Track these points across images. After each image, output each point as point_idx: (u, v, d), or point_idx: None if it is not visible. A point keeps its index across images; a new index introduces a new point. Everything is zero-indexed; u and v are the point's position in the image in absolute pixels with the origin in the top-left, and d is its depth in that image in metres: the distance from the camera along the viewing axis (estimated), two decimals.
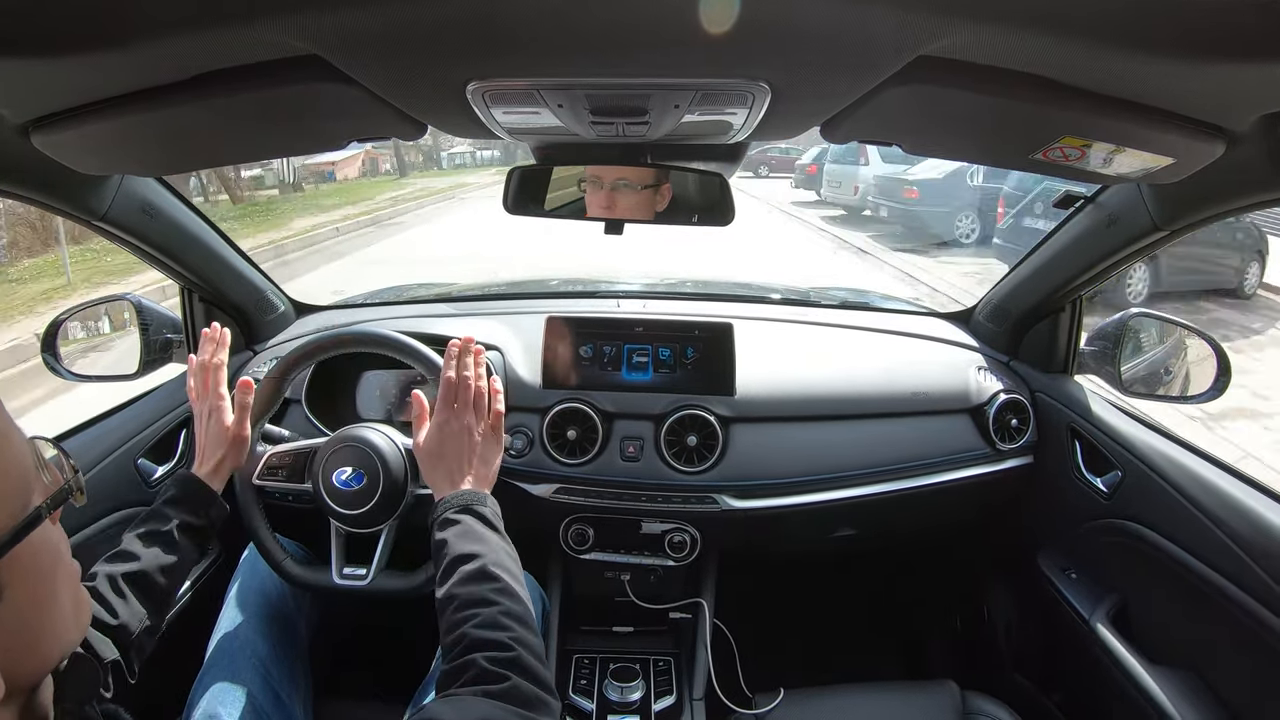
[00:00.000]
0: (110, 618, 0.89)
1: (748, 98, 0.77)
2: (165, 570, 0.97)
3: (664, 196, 1.21)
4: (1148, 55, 0.60)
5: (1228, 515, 1.11)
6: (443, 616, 0.84)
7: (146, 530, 1.00)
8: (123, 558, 0.96)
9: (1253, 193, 0.93)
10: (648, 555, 1.54)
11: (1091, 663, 1.30)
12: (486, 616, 0.81)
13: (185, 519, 1.02)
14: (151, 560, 0.97)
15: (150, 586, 0.95)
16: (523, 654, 0.77)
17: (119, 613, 0.90)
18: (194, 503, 1.04)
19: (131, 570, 0.94)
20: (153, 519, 1.01)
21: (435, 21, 0.60)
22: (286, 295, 1.73)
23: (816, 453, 1.47)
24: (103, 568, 0.94)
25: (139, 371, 1.47)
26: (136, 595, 0.93)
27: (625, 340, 1.49)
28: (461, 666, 0.76)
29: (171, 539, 1.00)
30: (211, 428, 1.11)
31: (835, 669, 1.59)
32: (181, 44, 0.63)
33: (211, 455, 1.10)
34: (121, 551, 0.97)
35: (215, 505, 1.07)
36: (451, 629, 0.81)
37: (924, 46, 0.63)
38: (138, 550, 0.97)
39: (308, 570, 1.21)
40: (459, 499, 0.97)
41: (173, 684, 1.10)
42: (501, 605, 0.83)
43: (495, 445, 1.06)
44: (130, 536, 0.99)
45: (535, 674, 0.76)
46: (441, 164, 33.68)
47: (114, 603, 0.90)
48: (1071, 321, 1.52)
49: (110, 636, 0.87)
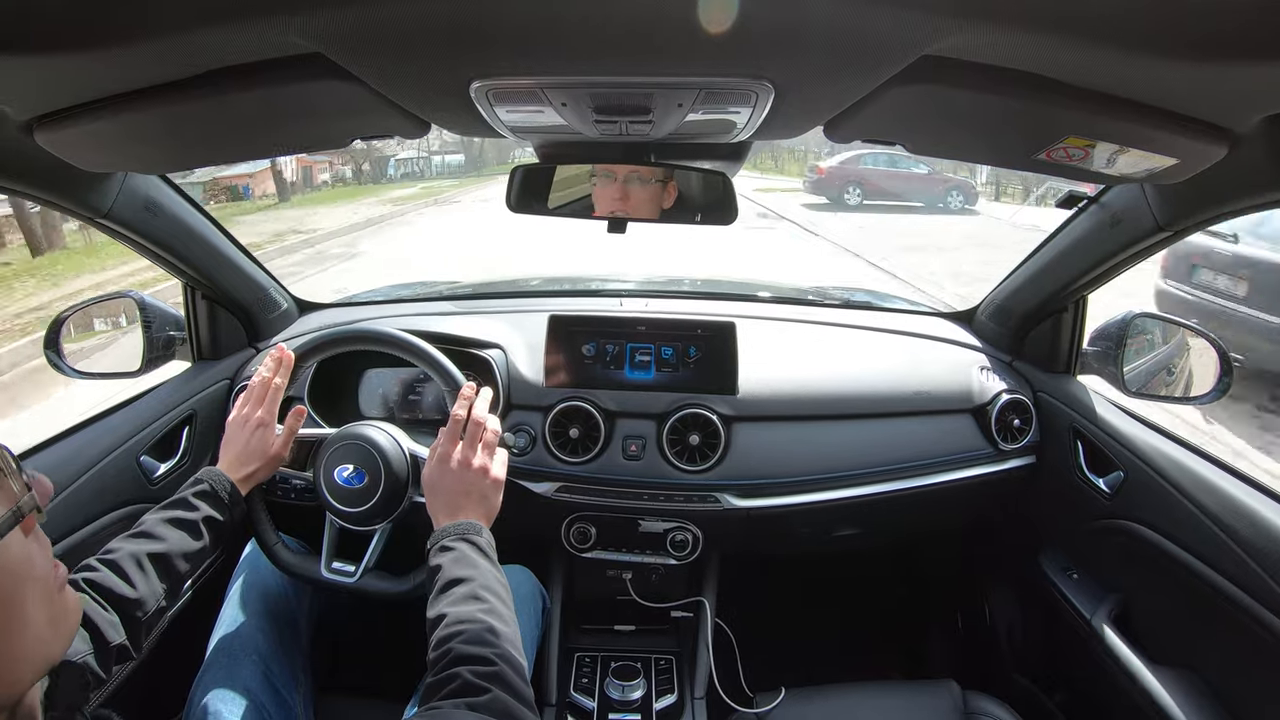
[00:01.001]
0: (129, 590, 0.91)
1: (751, 97, 0.77)
2: (187, 556, 1.00)
3: (670, 194, 1.21)
4: (1151, 56, 0.60)
5: (1229, 516, 1.11)
6: (431, 633, 0.87)
7: (173, 516, 1.02)
8: (147, 537, 0.98)
9: (1256, 193, 0.92)
10: (649, 554, 1.54)
11: (1093, 663, 1.30)
12: (472, 633, 0.84)
13: (212, 514, 1.05)
14: (176, 544, 0.99)
15: (170, 568, 0.97)
16: (505, 669, 0.80)
17: (138, 586, 0.92)
18: (223, 499, 1.07)
19: (156, 550, 0.96)
20: (179, 506, 1.03)
21: (439, 20, 0.60)
22: (289, 293, 1.73)
23: (819, 452, 1.47)
24: (126, 544, 0.96)
25: (142, 369, 1.48)
26: (158, 573, 0.95)
27: (628, 339, 1.49)
28: (446, 679, 0.78)
29: (197, 528, 1.02)
30: (254, 441, 1.14)
31: (836, 668, 1.59)
32: (185, 42, 0.63)
33: (245, 465, 1.13)
34: (145, 532, 0.99)
35: (240, 507, 1.10)
36: (439, 644, 0.84)
37: (928, 46, 0.63)
38: (163, 533, 0.99)
39: (298, 559, 1.22)
40: (457, 528, 1.00)
41: (174, 681, 1.10)
42: (487, 624, 0.86)
43: (496, 486, 1.09)
44: (155, 520, 1.01)
45: (517, 690, 0.79)
46: (389, 173, 27.90)
47: (134, 576, 0.92)
48: (1074, 322, 1.52)
49: (124, 610, 0.89)
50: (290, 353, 1.22)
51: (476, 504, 1.05)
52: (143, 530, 0.99)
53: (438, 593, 0.92)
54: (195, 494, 1.05)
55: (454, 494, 1.05)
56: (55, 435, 1.28)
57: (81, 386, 1.48)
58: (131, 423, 1.36)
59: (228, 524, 1.07)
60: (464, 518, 1.03)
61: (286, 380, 1.20)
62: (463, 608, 0.88)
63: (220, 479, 1.08)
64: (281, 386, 1.18)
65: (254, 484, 1.15)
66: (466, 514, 1.03)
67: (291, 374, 1.24)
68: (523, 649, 0.88)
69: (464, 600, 0.89)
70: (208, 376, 1.52)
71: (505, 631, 0.86)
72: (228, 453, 1.14)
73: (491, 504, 1.07)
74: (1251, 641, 1.05)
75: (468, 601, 0.89)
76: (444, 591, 0.91)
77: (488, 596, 0.90)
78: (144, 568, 0.94)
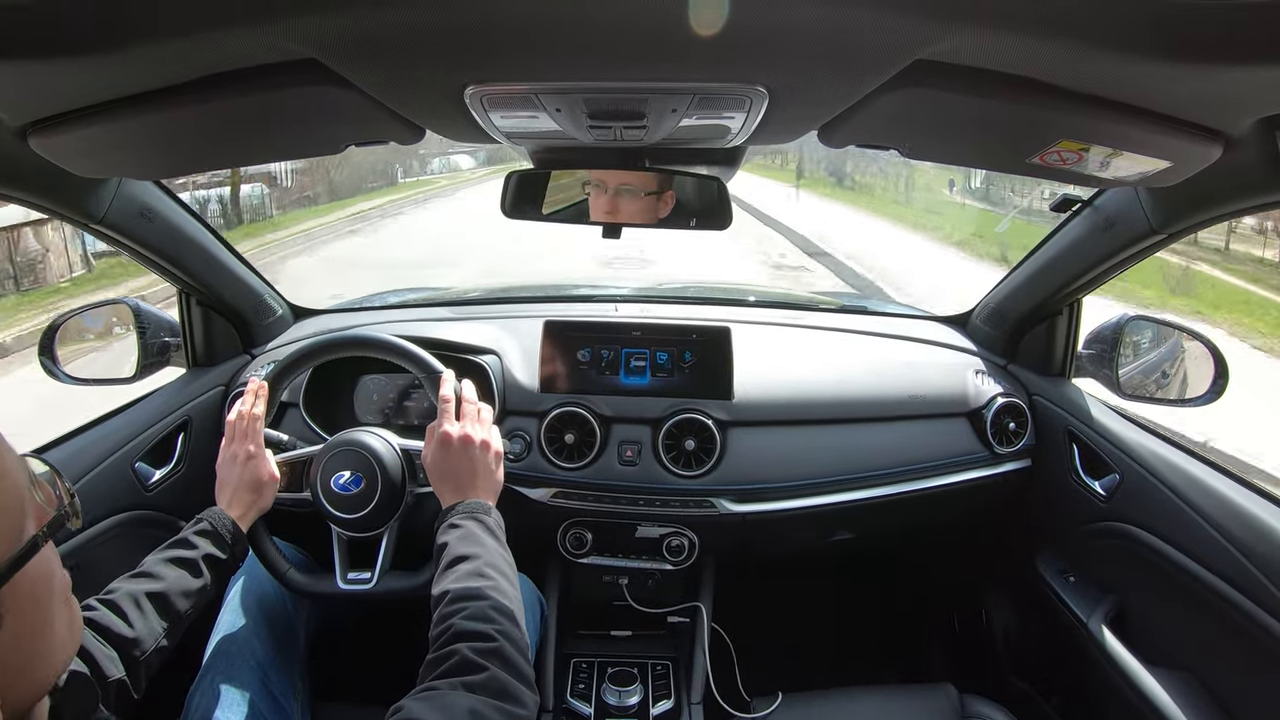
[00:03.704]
0: (126, 629, 0.89)
1: (745, 102, 0.77)
2: (187, 595, 0.98)
3: (667, 204, 1.21)
4: (1145, 59, 0.60)
5: (1225, 518, 1.11)
6: (435, 610, 0.87)
7: (172, 555, 1.01)
8: (146, 577, 0.97)
9: (1250, 196, 0.93)
10: (645, 559, 1.53)
11: (1089, 665, 1.30)
12: (475, 610, 0.84)
13: (212, 552, 1.04)
14: (175, 583, 0.97)
15: (169, 607, 0.96)
16: (505, 645, 0.80)
17: (135, 625, 0.90)
18: (224, 539, 1.06)
19: (154, 589, 0.95)
20: (179, 546, 1.02)
21: (433, 26, 0.60)
22: (284, 299, 1.73)
23: (814, 456, 1.47)
24: (124, 584, 0.95)
25: (136, 375, 1.47)
26: (157, 613, 0.94)
27: (623, 344, 1.49)
28: (445, 655, 0.78)
29: (197, 566, 1.01)
30: (246, 474, 1.13)
31: (833, 672, 1.59)
32: (180, 47, 0.63)
33: (241, 500, 1.12)
34: (145, 572, 0.98)
35: (241, 544, 1.09)
36: (441, 620, 0.84)
37: (921, 50, 0.63)
38: (162, 572, 0.98)
39: (312, 578, 1.21)
40: (465, 507, 1.01)
41: (171, 687, 1.10)
42: (491, 600, 0.86)
43: (499, 459, 1.11)
44: (155, 559, 1.00)
45: (516, 666, 0.79)
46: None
47: (132, 616, 0.91)
48: (1069, 325, 1.52)
49: (122, 649, 0.87)
50: (263, 382, 1.21)
51: (484, 480, 1.06)
52: (142, 570, 0.98)
53: (442, 570, 0.92)
54: (195, 532, 1.05)
55: (460, 472, 1.06)
56: (50, 441, 1.27)
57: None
58: (126, 429, 1.36)
59: (229, 562, 1.06)
60: (472, 495, 1.04)
61: (264, 409, 1.19)
62: (466, 584, 0.88)
63: (221, 517, 1.08)
64: (260, 416, 1.17)
65: (256, 514, 1.14)
66: (475, 492, 1.05)
67: (275, 392, 1.23)
68: (525, 627, 0.88)
69: (468, 577, 0.89)
70: (203, 383, 1.52)
71: (508, 608, 0.86)
72: (224, 493, 1.13)
73: (497, 478, 1.09)
74: (1247, 643, 1.05)
75: (472, 578, 0.89)
76: (449, 569, 0.92)
77: (492, 574, 0.90)
78: (142, 607, 0.93)
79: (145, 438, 1.37)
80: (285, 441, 1.29)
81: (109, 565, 0.97)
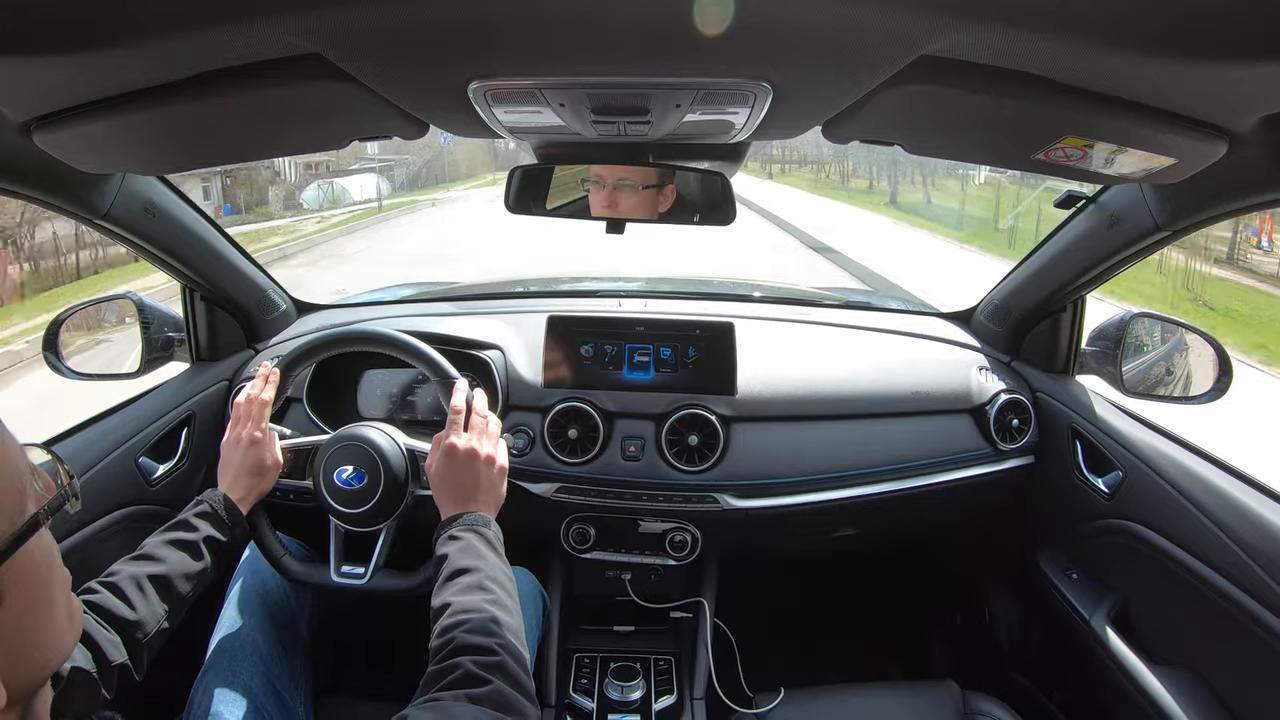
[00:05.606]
0: (129, 612, 0.90)
1: (749, 97, 0.77)
2: (188, 577, 0.99)
3: (667, 197, 1.20)
4: (1149, 55, 0.60)
5: (1228, 516, 1.11)
6: (435, 621, 0.87)
7: (173, 538, 1.01)
8: (147, 559, 0.98)
9: (1255, 193, 0.93)
10: (648, 555, 1.54)
11: (1092, 662, 1.30)
12: (476, 623, 0.84)
13: (213, 534, 1.05)
14: (176, 565, 0.98)
15: (171, 590, 0.96)
16: (507, 660, 0.80)
17: (137, 608, 0.91)
18: (224, 521, 1.07)
19: (156, 572, 0.96)
20: (180, 528, 1.03)
21: (437, 21, 0.60)
22: (288, 294, 1.73)
23: (818, 452, 1.47)
24: (125, 567, 0.96)
25: (140, 370, 1.48)
26: (158, 595, 0.95)
27: (626, 339, 1.49)
28: (448, 668, 0.78)
29: (198, 549, 1.02)
30: (249, 458, 1.14)
31: (836, 669, 1.59)
32: (183, 43, 0.63)
33: (244, 482, 1.13)
34: (145, 554, 0.98)
35: (241, 526, 1.10)
36: (442, 633, 0.84)
37: (925, 46, 0.63)
38: (163, 554, 0.99)
39: (306, 567, 1.21)
40: (465, 520, 1.01)
41: (174, 683, 1.10)
42: (491, 614, 0.86)
43: (503, 475, 1.11)
44: (155, 542, 1.01)
45: (518, 681, 0.79)
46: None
47: (134, 598, 0.92)
48: (1073, 322, 1.52)
49: (125, 632, 0.88)
50: (275, 368, 1.22)
51: (485, 494, 1.06)
52: (143, 553, 0.99)
53: (443, 582, 0.92)
54: (196, 515, 1.05)
55: (462, 485, 1.06)
56: (54, 436, 1.28)
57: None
58: (130, 424, 1.36)
59: (229, 544, 1.07)
60: (473, 508, 1.04)
61: (273, 395, 1.20)
62: (468, 597, 0.88)
63: (220, 499, 1.09)
64: (268, 401, 1.18)
65: (256, 498, 1.15)
66: (475, 504, 1.05)
67: (285, 379, 1.24)
68: (525, 642, 0.88)
69: (469, 590, 0.90)
70: (206, 378, 1.52)
71: (509, 623, 0.87)
72: (225, 474, 1.14)
73: (499, 493, 1.09)
74: (1250, 641, 1.05)
75: (473, 591, 0.89)
76: (449, 581, 0.92)
77: (493, 587, 0.91)
78: (144, 589, 0.93)
79: (149, 433, 1.38)
80: (289, 434, 1.29)
81: (112, 560, 0.97)
